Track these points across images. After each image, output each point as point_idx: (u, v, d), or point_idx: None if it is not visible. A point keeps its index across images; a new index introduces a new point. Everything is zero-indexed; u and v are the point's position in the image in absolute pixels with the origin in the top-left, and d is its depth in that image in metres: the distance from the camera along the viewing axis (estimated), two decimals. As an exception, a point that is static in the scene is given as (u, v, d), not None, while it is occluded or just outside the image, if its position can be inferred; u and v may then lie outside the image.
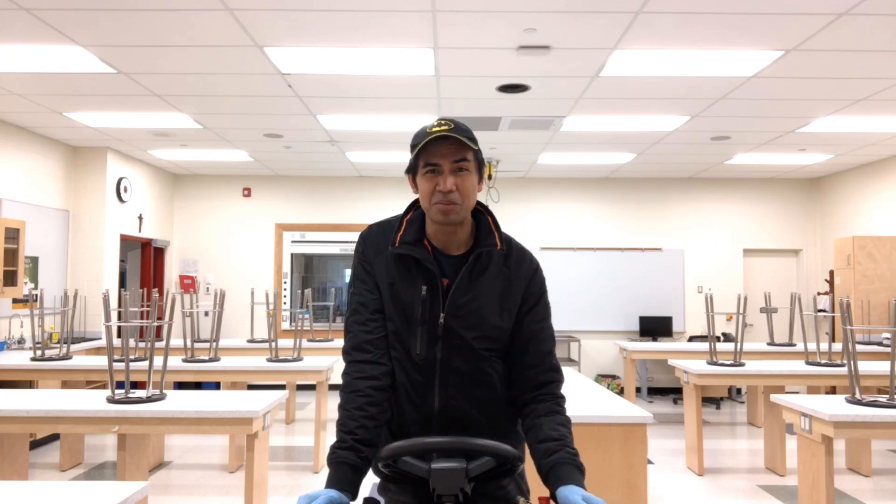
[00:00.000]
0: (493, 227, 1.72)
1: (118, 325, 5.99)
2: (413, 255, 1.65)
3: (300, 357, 5.50)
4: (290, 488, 4.90)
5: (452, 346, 1.64)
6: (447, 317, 1.64)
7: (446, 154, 1.60)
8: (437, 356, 1.64)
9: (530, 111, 5.73)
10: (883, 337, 7.07)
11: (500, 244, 1.69)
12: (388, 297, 1.68)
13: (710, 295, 5.41)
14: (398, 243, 1.67)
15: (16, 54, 4.37)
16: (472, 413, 1.65)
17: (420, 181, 1.65)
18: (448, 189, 1.60)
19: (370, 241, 1.74)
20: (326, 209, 9.22)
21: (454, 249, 1.70)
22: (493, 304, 1.67)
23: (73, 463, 5.45)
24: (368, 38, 4.07)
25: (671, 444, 6.23)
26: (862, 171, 8.15)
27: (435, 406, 1.64)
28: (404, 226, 1.71)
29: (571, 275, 9.04)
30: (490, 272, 1.68)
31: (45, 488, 2.08)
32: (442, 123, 1.62)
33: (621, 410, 3.33)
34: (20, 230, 5.97)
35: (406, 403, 1.66)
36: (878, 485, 5.07)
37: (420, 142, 1.60)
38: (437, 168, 1.61)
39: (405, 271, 1.67)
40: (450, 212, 1.61)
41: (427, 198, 1.63)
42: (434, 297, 1.65)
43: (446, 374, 1.65)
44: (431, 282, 1.65)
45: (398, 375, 1.67)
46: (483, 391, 1.67)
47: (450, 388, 1.65)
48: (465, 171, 1.63)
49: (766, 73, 4.66)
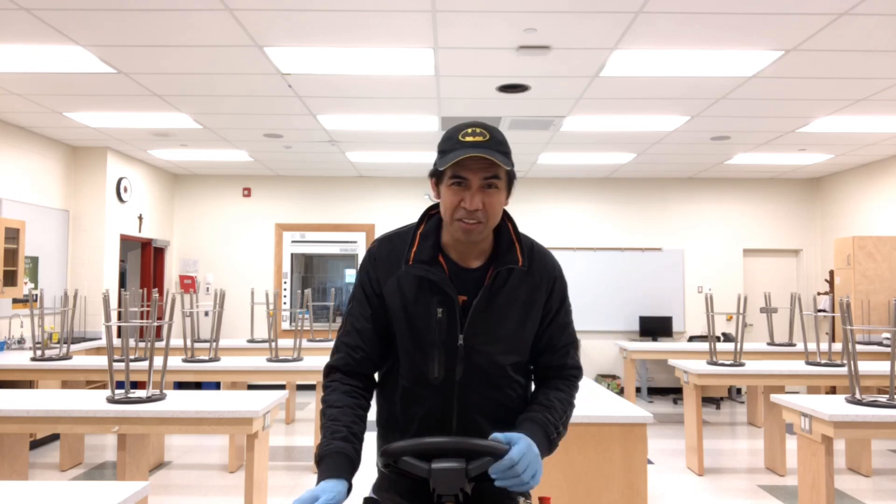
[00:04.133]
0: (514, 237, 1.61)
1: (118, 325, 5.99)
2: (429, 277, 1.54)
3: (300, 357, 5.50)
4: (290, 488, 4.90)
5: (473, 367, 1.55)
6: (467, 337, 1.54)
7: (477, 169, 1.47)
8: (456, 379, 1.55)
9: (530, 111, 5.73)
10: (883, 337, 7.07)
11: (521, 259, 1.58)
12: (400, 320, 1.57)
13: (710, 295, 5.41)
14: (412, 261, 1.55)
15: (16, 54, 4.37)
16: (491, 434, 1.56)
17: (444, 191, 1.51)
18: (475, 207, 1.47)
19: (380, 262, 1.60)
20: (326, 209, 9.22)
21: (472, 262, 1.59)
22: (515, 317, 1.58)
23: (73, 463, 5.45)
24: (368, 38, 4.07)
25: (671, 444, 6.23)
26: (862, 171, 8.15)
27: (454, 431, 1.56)
28: (417, 241, 1.58)
29: (571, 275, 9.00)
30: (510, 286, 1.58)
31: (45, 488, 2.08)
32: (477, 132, 1.47)
33: (621, 410, 3.33)
34: (20, 230, 5.97)
35: (424, 431, 1.55)
36: (878, 485, 5.07)
37: (450, 149, 1.48)
38: (464, 182, 1.48)
39: (419, 292, 1.55)
40: (472, 231, 1.50)
41: (450, 212, 1.51)
42: (451, 318, 1.54)
43: (466, 397, 1.55)
44: (448, 303, 1.54)
45: (412, 406, 1.57)
46: (503, 414, 1.58)
47: (469, 413, 1.56)
48: (495, 188, 1.50)
49: (766, 73, 4.66)
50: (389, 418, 1.63)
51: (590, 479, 3.20)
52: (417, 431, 1.56)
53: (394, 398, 1.61)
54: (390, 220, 9.04)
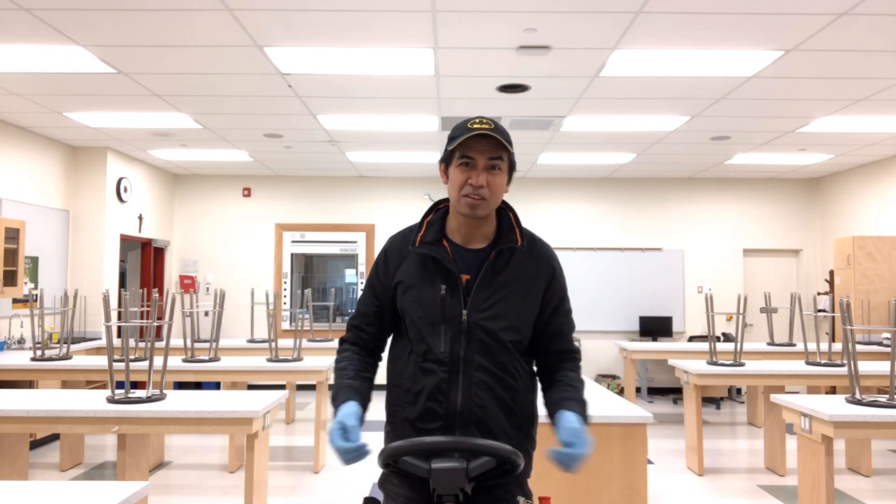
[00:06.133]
0: (514, 223, 1.78)
1: (118, 325, 5.99)
2: (432, 254, 1.70)
3: (300, 357, 5.50)
4: (290, 488, 4.90)
5: (476, 342, 1.67)
6: (470, 313, 1.67)
7: (483, 150, 1.66)
8: (461, 354, 1.67)
9: (530, 111, 5.73)
10: (883, 337, 7.07)
11: (521, 240, 1.75)
12: (410, 300, 1.72)
13: (710, 295, 5.41)
14: (418, 243, 1.73)
15: (16, 54, 4.37)
16: (494, 412, 1.67)
17: (453, 171, 1.70)
18: (479, 184, 1.65)
19: (392, 251, 1.80)
20: (326, 209, 9.22)
21: (476, 243, 1.75)
22: (516, 296, 1.71)
23: (73, 463, 5.45)
24: (368, 38, 4.07)
25: (671, 444, 6.23)
26: (862, 171, 8.15)
27: (458, 405, 1.66)
28: (424, 227, 1.77)
29: (571, 275, 8.96)
30: (511, 266, 1.73)
31: (45, 488, 2.08)
32: (484, 121, 1.67)
33: (621, 410, 3.33)
34: (20, 230, 5.97)
35: (430, 403, 1.67)
36: (878, 485, 5.07)
37: (459, 135, 1.66)
38: (471, 162, 1.67)
39: (424, 272, 1.72)
40: (477, 206, 1.67)
41: (457, 189, 1.68)
42: (454, 294, 1.69)
43: (470, 371, 1.67)
44: (451, 280, 1.69)
45: (420, 379, 1.69)
46: (506, 390, 1.69)
47: (473, 386, 1.66)
48: (498, 169, 1.69)
49: (766, 73, 4.66)
50: (398, 396, 1.74)
51: (590, 479, 3.20)
52: (424, 406, 1.67)
53: (405, 375, 1.73)
54: (390, 220, 9.04)
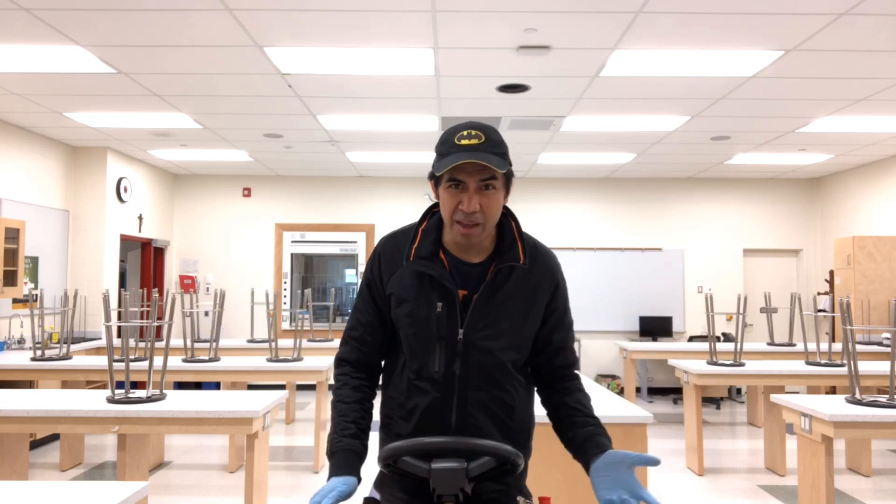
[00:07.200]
0: (516, 235, 1.63)
1: (118, 325, 5.99)
2: (428, 272, 1.57)
3: (300, 357, 5.50)
4: (290, 488, 4.90)
5: (472, 361, 1.57)
6: (467, 332, 1.56)
7: (473, 172, 1.49)
8: (456, 373, 1.57)
9: (530, 111, 5.73)
10: (883, 337, 7.07)
11: (522, 258, 1.60)
12: (403, 315, 1.60)
13: (710, 295, 5.41)
14: (413, 257, 1.58)
15: (16, 54, 4.37)
16: (490, 431, 1.58)
17: (442, 193, 1.54)
18: (472, 210, 1.49)
19: (384, 259, 1.65)
20: (326, 209, 9.22)
21: (474, 257, 1.61)
22: (516, 313, 1.60)
23: (73, 463, 5.45)
24: (368, 38, 4.07)
25: (671, 444, 6.23)
26: (862, 171, 8.15)
27: (452, 424, 1.57)
28: (419, 237, 1.61)
29: (571, 275, 9.01)
30: (512, 281, 1.60)
31: (45, 488, 2.08)
32: (472, 134, 1.49)
33: (621, 410, 3.33)
34: (20, 230, 5.97)
35: (424, 421, 1.58)
36: (878, 485, 5.07)
37: (446, 153, 1.50)
38: (461, 185, 1.50)
39: (420, 287, 1.59)
40: (471, 235, 1.53)
41: (449, 213, 1.53)
42: (451, 312, 1.57)
43: (465, 391, 1.57)
44: (448, 298, 1.57)
45: (413, 396, 1.60)
46: (503, 409, 1.60)
47: (468, 406, 1.57)
48: (493, 188, 1.51)
49: (766, 73, 4.66)
50: (392, 409, 1.66)
51: (589, 479, 3.19)
52: (417, 424, 1.59)
53: (398, 389, 1.64)
54: (390, 220, 9.04)
